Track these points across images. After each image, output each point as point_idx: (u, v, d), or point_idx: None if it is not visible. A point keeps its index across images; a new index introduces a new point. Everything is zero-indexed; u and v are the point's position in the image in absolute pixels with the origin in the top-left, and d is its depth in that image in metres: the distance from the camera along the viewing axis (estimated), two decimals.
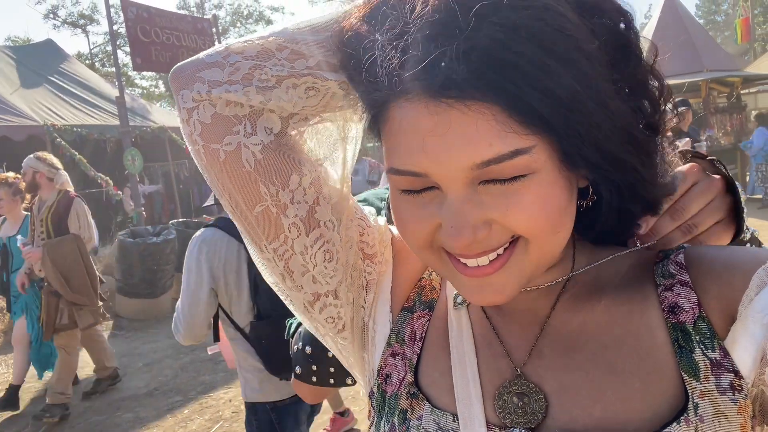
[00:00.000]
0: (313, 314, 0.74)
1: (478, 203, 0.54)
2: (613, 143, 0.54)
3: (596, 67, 0.52)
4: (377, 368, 0.74)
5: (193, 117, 0.63)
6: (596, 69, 0.52)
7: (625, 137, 0.55)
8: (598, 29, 0.53)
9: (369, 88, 0.56)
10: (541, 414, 0.60)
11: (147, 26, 9.86)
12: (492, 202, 0.54)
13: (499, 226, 0.55)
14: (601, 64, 0.53)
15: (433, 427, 0.65)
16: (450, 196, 0.54)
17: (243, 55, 0.62)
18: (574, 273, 0.66)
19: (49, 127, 10.63)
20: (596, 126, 0.52)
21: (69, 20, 29.46)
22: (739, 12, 20.42)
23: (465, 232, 0.53)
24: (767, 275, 0.56)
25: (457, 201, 0.54)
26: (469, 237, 0.53)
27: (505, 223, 0.54)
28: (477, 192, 0.54)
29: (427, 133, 0.52)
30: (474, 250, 0.56)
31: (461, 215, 0.53)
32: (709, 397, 0.55)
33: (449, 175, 0.53)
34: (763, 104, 16.85)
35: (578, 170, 0.56)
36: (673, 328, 0.59)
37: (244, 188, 0.65)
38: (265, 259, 0.70)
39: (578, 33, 0.51)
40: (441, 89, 0.50)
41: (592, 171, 0.56)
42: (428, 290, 0.77)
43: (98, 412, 4.63)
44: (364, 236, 0.75)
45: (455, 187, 0.53)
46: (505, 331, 0.68)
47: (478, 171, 0.52)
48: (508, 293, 0.58)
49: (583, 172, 0.57)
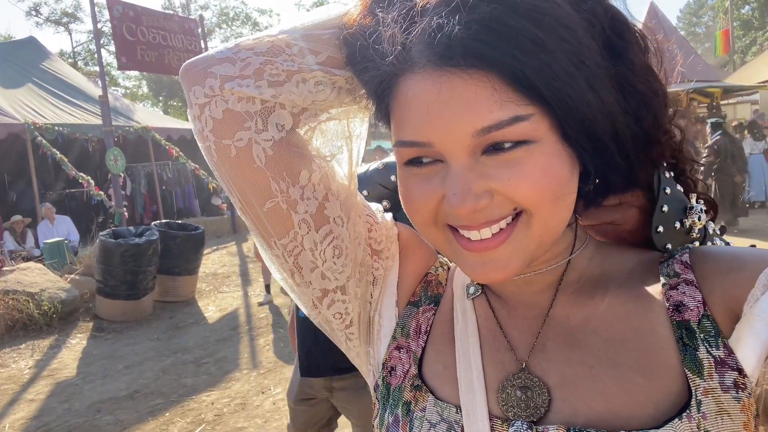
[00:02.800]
0: (322, 310, 0.74)
1: (480, 173, 0.55)
2: (599, 125, 0.56)
3: (588, 54, 0.55)
4: (382, 361, 0.75)
5: (205, 113, 0.63)
6: (588, 55, 0.55)
7: (610, 122, 0.57)
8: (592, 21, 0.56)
9: (377, 65, 0.58)
10: (543, 407, 0.60)
11: (133, 25, 9.76)
12: (494, 173, 0.55)
13: (501, 197, 0.56)
14: (592, 52, 0.55)
15: (436, 418, 0.65)
16: (453, 166, 0.56)
17: (254, 51, 0.63)
18: (573, 256, 0.67)
19: (30, 125, 10.47)
20: (586, 104, 0.54)
21: (52, 18, 29.10)
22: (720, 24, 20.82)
23: (467, 198, 0.55)
24: None
25: (459, 169, 0.55)
26: (471, 203, 0.54)
27: (506, 193, 0.55)
28: (479, 162, 0.55)
29: (432, 102, 0.54)
30: (476, 220, 0.57)
31: (464, 183, 0.55)
32: (713, 395, 0.56)
33: (452, 143, 0.55)
34: (742, 114, 17.19)
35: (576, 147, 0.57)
36: (677, 326, 0.60)
37: (255, 184, 0.65)
38: (275, 256, 0.71)
39: (572, 21, 0.54)
40: (444, 58, 0.53)
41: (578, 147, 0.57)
42: (434, 285, 0.78)
43: (77, 415, 4.54)
44: (372, 232, 0.76)
45: (458, 155, 0.55)
46: (510, 325, 0.69)
47: (479, 138, 0.54)
48: (511, 270, 0.59)
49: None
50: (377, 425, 0.73)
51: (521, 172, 0.55)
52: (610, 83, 0.57)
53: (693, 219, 0.73)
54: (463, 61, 0.52)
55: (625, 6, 0.60)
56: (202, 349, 5.86)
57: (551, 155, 0.55)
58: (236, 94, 0.62)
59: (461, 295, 0.74)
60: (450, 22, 0.52)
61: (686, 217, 0.72)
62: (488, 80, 0.52)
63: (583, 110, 0.54)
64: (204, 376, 5.29)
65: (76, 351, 6.22)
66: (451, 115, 0.54)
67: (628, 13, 0.61)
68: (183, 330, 6.66)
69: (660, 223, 0.70)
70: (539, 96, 0.53)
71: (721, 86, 14.59)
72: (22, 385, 5.40)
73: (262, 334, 6.33)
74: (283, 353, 5.64)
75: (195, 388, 5.05)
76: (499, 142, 0.54)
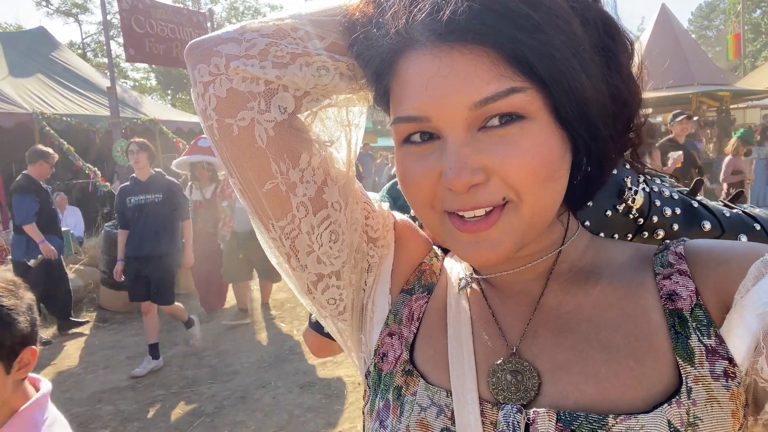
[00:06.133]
0: (316, 295, 0.75)
1: (476, 149, 0.56)
2: (592, 107, 0.58)
3: (582, 45, 0.57)
4: (374, 348, 0.76)
5: (209, 91, 0.64)
6: (582, 46, 0.57)
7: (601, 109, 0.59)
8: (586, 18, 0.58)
9: (379, 43, 0.60)
10: (533, 391, 0.61)
11: (142, 17, 9.77)
12: (489, 149, 0.56)
13: (495, 179, 0.57)
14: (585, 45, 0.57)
15: (427, 402, 0.65)
16: (450, 141, 0.57)
17: (259, 33, 0.65)
18: (564, 247, 0.68)
19: (38, 115, 10.51)
20: (581, 86, 0.56)
21: (62, 9, 29.22)
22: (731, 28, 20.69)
23: (463, 172, 0.56)
24: (765, 267, 0.58)
25: (456, 144, 0.57)
26: (467, 177, 0.56)
27: (501, 172, 0.56)
28: (476, 138, 0.57)
29: (431, 76, 0.56)
30: (470, 203, 0.58)
31: (460, 157, 0.56)
32: (703, 382, 0.56)
33: (449, 117, 0.56)
34: (751, 119, 17.10)
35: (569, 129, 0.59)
36: (670, 314, 0.60)
37: (256, 164, 0.66)
38: (272, 239, 0.72)
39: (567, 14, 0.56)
40: (444, 34, 0.55)
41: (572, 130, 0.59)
42: (428, 274, 0.79)
43: (78, 404, 4.57)
44: (369, 220, 0.77)
45: (455, 129, 0.56)
46: (502, 313, 0.69)
47: (477, 111, 0.55)
48: (503, 250, 0.59)
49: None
50: (368, 411, 0.73)
51: (516, 149, 0.56)
52: (600, 75, 0.59)
53: (626, 203, 0.74)
54: (463, 37, 0.54)
55: (615, 12, 0.63)
56: (203, 341, 5.88)
57: (545, 134, 0.57)
58: (241, 73, 0.64)
59: (454, 284, 0.75)
60: (451, 2, 0.54)
61: (618, 203, 0.73)
62: (487, 55, 0.54)
63: (577, 91, 0.56)
64: (205, 368, 5.31)
65: (79, 341, 6.26)
66: (449, 89, 0.55)
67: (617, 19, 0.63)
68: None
69: (585, 218, 0.72)
70: (535, 73, 0.55)
71: (731, 90, 14.51)
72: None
73: (264, 328, 6.35)
74: (284, 348, 5.65)
75: (196, 380, 5.07)
76: (495, 115, 0.56)
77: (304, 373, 5.03)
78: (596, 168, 0.64)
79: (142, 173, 5.41)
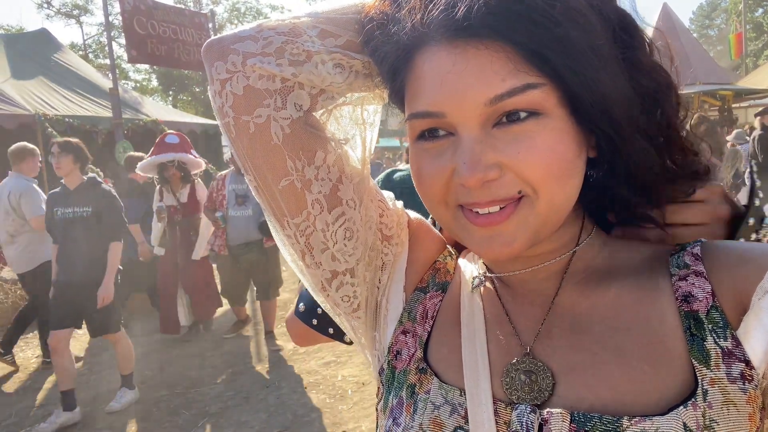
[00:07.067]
0: (330, 292, 0.75)
1: (491, 146, 0.57)
2: (614, 103, 0.57)
3: (600, 40, 0.56)
4: (388, 346, 0.76)
5: (226, 88, 0.65)
6: (600, 41, 0.56)
7: (625, 105, 0.58)
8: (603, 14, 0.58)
9: (395, 39, 0.61)
10: (547, 391, 0.61)
11: (144, 18, 9.80)
12: (504, 146, 0.56)
13: (510, 175, 0.57)
14: (604, 40, 0.57)
15: (440, 400, 0.65)
16: (464, 137, 0.57)
17: (276, 30, 0.65)
18: (578, 248, 0.68)
19: (40, 116, 10.51)
20: (600, 82, 0.56)
21: (63, 10, 29.25)
22: (733, 27, 20.66)
23: (477, 168, 0.56)
24: None
25: (470, 141, 0.57)
26: (481, 173, 0.56)
27: (515, 168, 0.56)
28: (490, 135, 0.57)
29: (446, 72, 0.56)
30: (483, 196, 0.58)
31: (474, 153, 0.56)
32: (719, 385, 0.56)
33: (464, 112, 0.56)
34: (753, 119, 17.04)
35: (586, 126, 0.58)
36: (685, 316, 0.60)
37: (272, 161, 0.67)
38: (287, 236, 0.72)
39: (584, 8, 0.56)
40: (460, 30, 0.55)
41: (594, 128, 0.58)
42: (442, 273, 0.79)
43: (83, 404, 4.57)
44: (384, 218, 0.77)
45: (470, 126, 0.57)
46: (516, 312, 0.69)
47: (492, 108, 0.55)
48: (516, 246, 0.59)
49: (593, 141, 0.61)
50: (381, 409, 0.74)
51: (531, 146, 0.56)
52: (620, 70, 0.58)
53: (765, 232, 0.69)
54: (478, 32, 0.54)
55: (634, 9, 0.62)
56: (207, 342, 5.88)
57: (560, 131, 0.57)
58: (257, 71, 0.64)
59: (468, 283, 0.75)
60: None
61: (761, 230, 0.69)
62: (503, 51, 0.54)
63: (597, 85, 0.56)
64: (209, 369, 5.31)
65: (84, 341, 6.26)
66: (464, 85, 0.55)
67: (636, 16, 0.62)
68: None
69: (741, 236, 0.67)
70: (551, 68, 0.55)
71: (733, 89, 14.49)
72: (29, 374, 5.45)
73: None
74: (288, 348, 5.65)
75: (200, 380, 5.07)
76: (511, 112, 0.56)
77: (308, 373, 5.03)
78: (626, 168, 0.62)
79: (69, 180, 4.58)
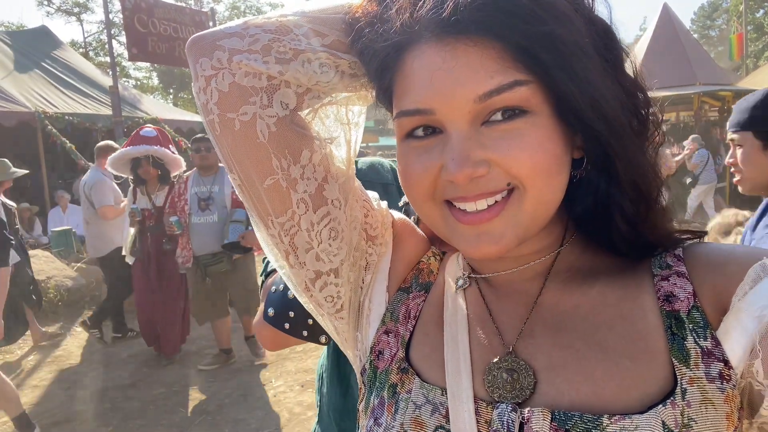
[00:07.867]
0: (313, 293, 0.75)
1: (479, 143, 0.57)
2: (605, 100, 0.57)
3: (585, 41, 0.57)
4: (370, 346, 0.76)
5: (211, 85, 0.64)
6: (586, 42, 0.57)
7: (616, 103, 0.59)
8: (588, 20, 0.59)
9: (384, 38, 0.60)
10: (529, 390, 0.61)
11: (144, 16, 9.80)
12: (492, 144, 0.57)
13: (497, 170, 0.57)
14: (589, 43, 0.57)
15: (421, 400, 0.66)
16: (453, 134, 0.58)
17: (262, 28, 0.65)
18: (562, 248, 0.68)
19: (40, 113, 10.51)
20: (591, 79, 0.56)
21: (63, 8, 29.23)
22: (734, 28, 20.64)
23: (465, 164, 0.56)
24: (762, 270, 0.58)
25: (459, 138, 0.57)
26: (469, 168, 0.56)
27: (504, 164, 0.57)
28: (479, 132, 0.57)
29: (435, 69, 0.56)
30: (472, 190, 0.58)
31: (462, 150, 0.57)
32: (698, 384, 0.56)
33: (453, 109, 0.56)
34: None
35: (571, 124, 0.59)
36: (666, 315, 0.60)
37: (257, 160, 0.66)
38: (270, 236, 0.71)
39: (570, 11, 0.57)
40: (449, 27, 0.55)
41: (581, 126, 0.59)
42: (425, 273, 0.79)
43: (80, 402, 4.58)
44: (368, 218, 0.77)
45: (459, 123, 0.57)
46: (499, 311, 0.69)
47: (481, 105, 0.56)
48: (504, 243, 0.59)
49: (579, 142, 0.61)
50: (362, 409, 0.74)
51: (520, 143, 0.56)
52: (605, 71, 0.59)
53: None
54: (467, 28, 0.55)
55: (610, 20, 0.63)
56: (204, 339, 5.89)
57: (547, 129, 0.58)
58: (244, 68, 0.64)
59: (452, 283, 0.75)
60: None
61: None
62: (492, 48, 0.55)
63: (587, 83, 0.56)
64: (206, 366, 5.31)
65: (81, 339, 6.27)
66: (453, 82, 0.56)
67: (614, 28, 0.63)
68: None
69: None
70: (540, 65, 0.55)
71: (733, 90, 14.48)
72: (27, 372, 5.45)
73: None
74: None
75: (197, 378, 5.08)
76: (499, 109, 0.56)
77: (304, 372, 5.03)
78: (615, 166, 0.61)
79: None
